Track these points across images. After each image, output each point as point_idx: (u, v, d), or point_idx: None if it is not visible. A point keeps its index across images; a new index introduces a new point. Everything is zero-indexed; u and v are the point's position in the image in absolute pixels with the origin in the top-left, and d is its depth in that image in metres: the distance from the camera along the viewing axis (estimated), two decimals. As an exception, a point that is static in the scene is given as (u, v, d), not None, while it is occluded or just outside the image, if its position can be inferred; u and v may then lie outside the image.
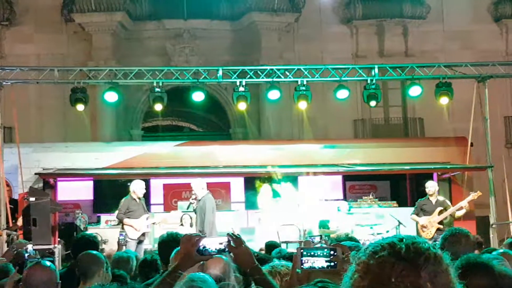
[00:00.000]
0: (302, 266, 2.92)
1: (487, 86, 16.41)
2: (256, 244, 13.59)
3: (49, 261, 4.88)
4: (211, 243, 3.23)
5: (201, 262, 3.29)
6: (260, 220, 16.12)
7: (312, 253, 2.96)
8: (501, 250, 5.66)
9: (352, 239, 5.73)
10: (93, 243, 6.56)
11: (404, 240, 1.66)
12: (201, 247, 3.21)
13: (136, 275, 6.51)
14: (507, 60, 21.18)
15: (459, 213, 13.72)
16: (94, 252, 5.73)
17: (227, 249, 3.24)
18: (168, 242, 5.40)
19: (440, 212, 13.41)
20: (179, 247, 4.17)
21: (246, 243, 3.37)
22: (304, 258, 2.94)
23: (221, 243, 3.24)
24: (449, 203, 13.98)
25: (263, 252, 9.21)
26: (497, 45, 24.45)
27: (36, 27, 23.49)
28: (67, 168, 16.40)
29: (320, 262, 2.94)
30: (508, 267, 4.30)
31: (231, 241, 3.22)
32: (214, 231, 12.71)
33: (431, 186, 13.83)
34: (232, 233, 3.32)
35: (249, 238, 15.41)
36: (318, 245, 7.20)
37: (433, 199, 13.67)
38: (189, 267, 3.25)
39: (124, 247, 12.37)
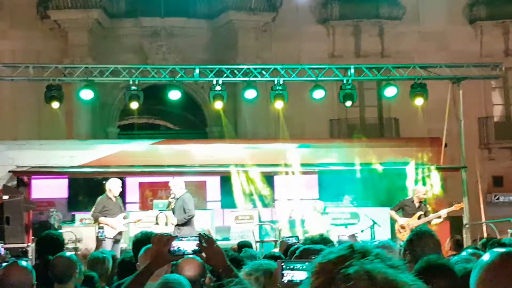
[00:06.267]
0: (282, 280, 2.92)
1: (462, 87, 16.61)
2: (232, 243, 13.59)
3: (25, 261, 4.86)
4: (183, 244, 3.24)
5: (171, 262, 3.30)
6: (237, 219, 16.13)
7: (292, 267, 2.95)
8: (470, 250, 5.74)
9: (326, 239, 5.76)
10: (58, 241, 6.50)
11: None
12: (174, 247, 3.22)
13: (114, 274, 6.47)
14: (482, 62, 21.39)
15: (436, 221, 13.75)
16: (68, 254, 5.69)
17: (199, 249, 3.25)
18: (143, 241, 5.38)
19: (420, 217, 13.38)
20: (147, 245, 4.18)
21: (223, 242, 3.38)
22: (284, 272, 2.93)
23: (193, 244, 3.25)
24: (429, 209, 13.92)
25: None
26: (471, 47, 24.69)
27: (11, 24, 23.24)
28: (41, 166, 16.27)
29: (300, 276, 2.93)
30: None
31: (203, 241, 3.23)
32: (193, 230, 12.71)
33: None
34: (204, 233, 3.33)
35: (225, 237, 15.44)
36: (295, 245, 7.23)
37: (417, 203, 13.60)
38: (160, 266, 3.26)
39: (102, 243, 12.35)
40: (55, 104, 15.49)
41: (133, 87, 15.49)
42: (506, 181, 24.90)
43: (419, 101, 16.16)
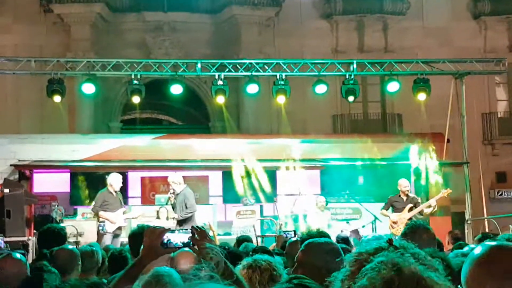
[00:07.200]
0: None
1: (465, 83, 16.55)
2: (234, 238, 13.58)
3: (20, 253, 4.85)
4: (176, 236, 3.23)
5: (168, 256, 3.29)
6: (239, 214, 16.12)
7: None
8: (472, 246, 5.71)
9: (323, 234, 5.73)
10: (60, 235, 6.50)
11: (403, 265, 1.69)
12: (165, 240, 3.20)
13: (106, 268, 6.47)
14: (485, 57, 21.30)
15: (427, 211, 13.78)
16: (70, 247, 5.70)
17: (190, 242, 3.23)
18: (139, 235, 5.36)
19: (410, 209, 13.45)
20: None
21: (225, 237, 3.37)
22: None
23: (185, 236, 3.23)
24: (419, 200, 14.02)
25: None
26: (475, 42, 24.60)
27: (14, 18, 23.22)
28: (43, 160, 16.27)
29: None
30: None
31: (195, 234, 3.22)
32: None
33: (406, 186, 13.86)
34: (197, 226, 3.32)
35: (227, 232, 15.44)
36: (294, 239, 7.21)
37: (404, 197, 13.70)
38: (153, 259, 3.25)
39: (103, 237, 12.40)
40: (57, 98, 15.49)
41: (135, 82, 15.48)
42: (509, 177, 24.84)
43: (421, 97, 16.11)
